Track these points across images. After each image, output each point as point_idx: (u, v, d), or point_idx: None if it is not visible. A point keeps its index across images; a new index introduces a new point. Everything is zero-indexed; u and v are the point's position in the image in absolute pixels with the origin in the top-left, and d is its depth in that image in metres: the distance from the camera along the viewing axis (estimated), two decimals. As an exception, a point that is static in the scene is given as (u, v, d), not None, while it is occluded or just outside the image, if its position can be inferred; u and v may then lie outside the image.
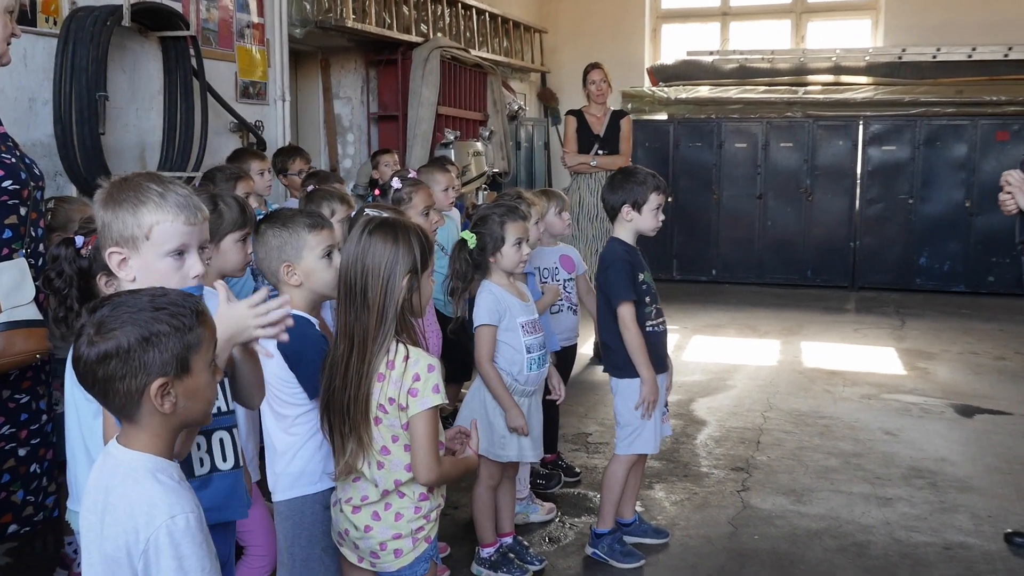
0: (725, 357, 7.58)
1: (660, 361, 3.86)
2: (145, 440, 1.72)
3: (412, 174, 4.26)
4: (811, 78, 11.69)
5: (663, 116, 11.83)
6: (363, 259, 2.49)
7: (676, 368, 7.08)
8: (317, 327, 2.72)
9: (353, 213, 3.55)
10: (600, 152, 7.29)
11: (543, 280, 4.61)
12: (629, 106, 11.66)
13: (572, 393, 5.87)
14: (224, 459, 2.16)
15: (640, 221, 3.83)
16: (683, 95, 11.80)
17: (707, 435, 5.58)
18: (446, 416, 5.51)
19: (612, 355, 3.86)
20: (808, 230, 11.02)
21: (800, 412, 6.03)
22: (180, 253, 2.07)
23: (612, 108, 7.51)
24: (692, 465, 5.05)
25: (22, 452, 3.03)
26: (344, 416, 2.48)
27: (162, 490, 1.68)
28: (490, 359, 3.57)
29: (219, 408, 2.13)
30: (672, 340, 8.13)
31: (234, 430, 2.18)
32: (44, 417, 3.13)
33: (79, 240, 2.44)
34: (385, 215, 2.71)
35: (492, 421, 3.62)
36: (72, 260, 2.38)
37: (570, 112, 7.53)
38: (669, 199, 11.08)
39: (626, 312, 3.75)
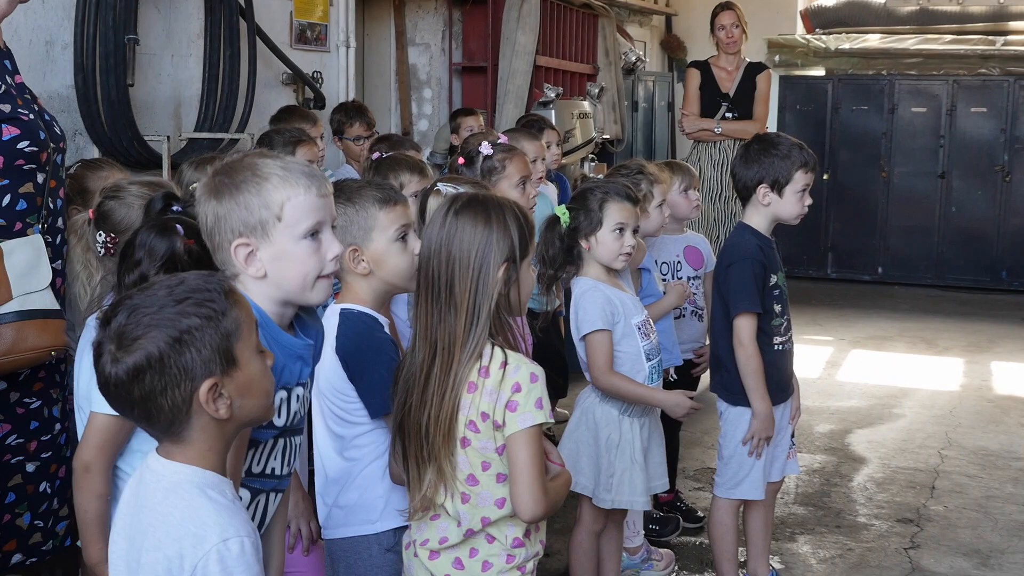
0: (892, 378, 7.49)
1: (783, 387, 3.84)
2: (194, 454, 1.77)
3: (503, 139, 4.30)
4: (1013, 25, 11.39)
5: (819, 72, 11.69)
6: (449, 247, 2.49)
7: (828, 390, 7.07)
8: (386, 328, 2.75)
9: (427, 187, 3.58)
10: (728, 116, 7.27)
11: (663, 277, 4.59)
12: (776, 58, 11.54)
13: (696, 418, 5.83)
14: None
15: (780, 206, 3.77)
16: (846, 45, 11.61)
17: (867, 476, 5.52)
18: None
19: (724, 374, 3.84)
20: (1004, 219, 10.77)
21: (988, 451, 5.92)
22: (315, 233, 2.15)
23: (748, 60, 7.47)
24: (847, 513, 5.01)
25: (30, 467, 3.15)
26: (422, 440, 2.50)
27: (213, 508, 1.73)
28: (610, 370, 3.57)
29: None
30: (824, 354, 8.11)
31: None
32: (57, 426, 3.24)
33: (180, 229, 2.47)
34: (468, 190, 2.72)
35: (602, 457, 3.62)
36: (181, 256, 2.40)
37: (693, 64, 7.50)
38: (824, 177, 11.09)
39: (744, 326, 3.72)
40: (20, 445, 3.13)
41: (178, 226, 2.35)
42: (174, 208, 2.43)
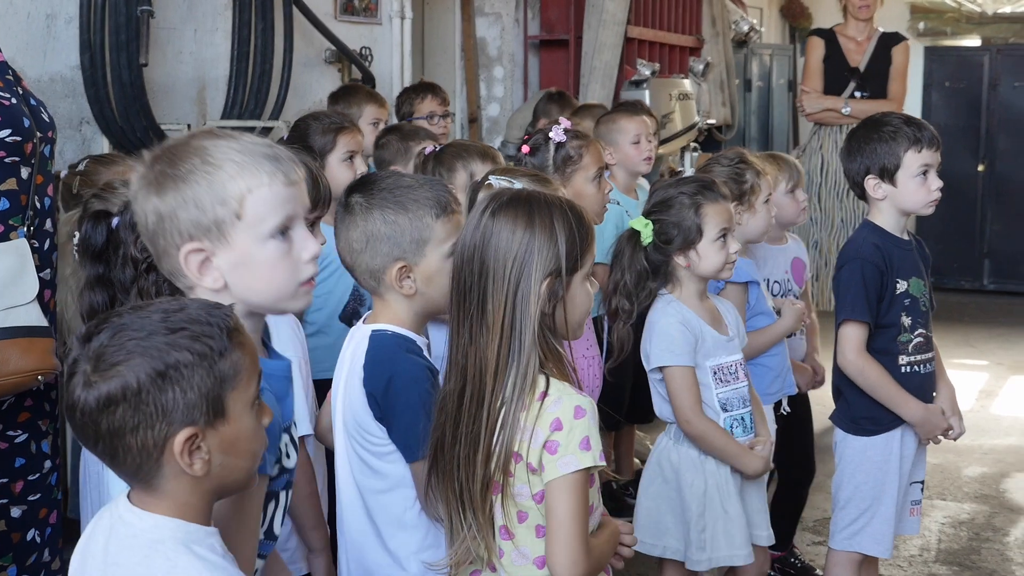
0: (1061, 412, 7.35)
1: None
2: (170, 505, 1.77)
3: (565, 123, 4.28)
4: None
5: (974, 41, 11.57)
6: (483, 254, 2.44)
7: (980, 425, 6.92)
8: (425, 351, 2.73)
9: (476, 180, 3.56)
10: (857, 95, 7.26)
11: (776, 294, 4.51)
12: (921, 25, 11.45)
13: (821, 458, 5.76)
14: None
15: (899, 197, 3.73)
16: (1007, 8, 11.51)
17: (1026, 531, 5.42)
18: (623, 486, 5.48)
19: (842, 401, 3.85)
20: None
21: None
22: (285, 230, 2.06)
23: (881, 30, 7.49)
24: (1001, 574, 4.90)
25: (16, 512, 3.18)
26: (455, 483, 2.47)
27: (206, 568, 1.72)
28: (698, 410, 3.50)
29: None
30: (977, 382, 7.99)
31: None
32: (48, 464, 3.27)
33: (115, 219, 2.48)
34: (517, 185, 2.69)
35: (689, 510, 3.57)
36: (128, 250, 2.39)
37: (815, 33, 7.55)
38: (979, 168, 10.92)
39: (847, 336, 3.70)
40: (4, 486, 3.17)
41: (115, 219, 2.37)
42: (114, 223, 2.43)
